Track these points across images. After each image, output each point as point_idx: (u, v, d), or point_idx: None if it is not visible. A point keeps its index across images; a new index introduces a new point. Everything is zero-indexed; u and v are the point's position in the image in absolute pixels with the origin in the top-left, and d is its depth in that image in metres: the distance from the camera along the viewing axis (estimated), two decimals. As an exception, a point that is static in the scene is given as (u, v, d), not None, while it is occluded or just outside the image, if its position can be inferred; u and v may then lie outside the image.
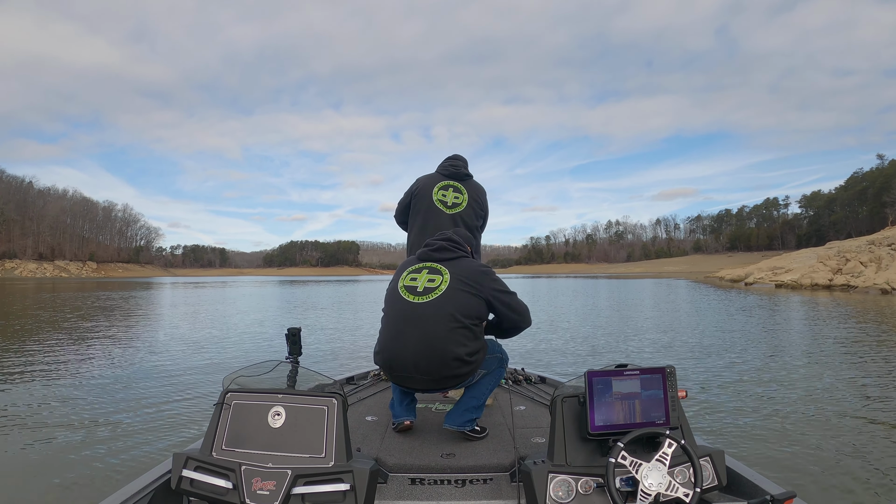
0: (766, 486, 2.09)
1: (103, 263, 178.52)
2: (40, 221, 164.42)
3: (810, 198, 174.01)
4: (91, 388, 7.28)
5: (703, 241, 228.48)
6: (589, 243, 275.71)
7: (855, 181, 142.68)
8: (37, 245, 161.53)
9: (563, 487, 1.95)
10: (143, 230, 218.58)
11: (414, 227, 3.91)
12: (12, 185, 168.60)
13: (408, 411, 2.89)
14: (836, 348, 10.12)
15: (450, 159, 4.02)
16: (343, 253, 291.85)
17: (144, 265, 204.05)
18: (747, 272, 55.04)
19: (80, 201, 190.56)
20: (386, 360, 2.72)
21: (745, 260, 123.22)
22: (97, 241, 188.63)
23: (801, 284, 40.79)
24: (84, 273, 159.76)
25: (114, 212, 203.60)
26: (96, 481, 4.05)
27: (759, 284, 45.59)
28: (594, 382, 2.05)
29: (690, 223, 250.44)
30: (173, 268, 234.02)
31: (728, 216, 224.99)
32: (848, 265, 41.41)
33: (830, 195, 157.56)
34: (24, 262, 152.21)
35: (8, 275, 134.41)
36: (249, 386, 2.19)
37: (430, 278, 2.77)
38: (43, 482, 4.05)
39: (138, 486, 2.06)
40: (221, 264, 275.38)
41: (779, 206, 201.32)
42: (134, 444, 4.92)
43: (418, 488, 2.27)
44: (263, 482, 1.91)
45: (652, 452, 1.94)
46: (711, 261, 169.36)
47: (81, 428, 5.43)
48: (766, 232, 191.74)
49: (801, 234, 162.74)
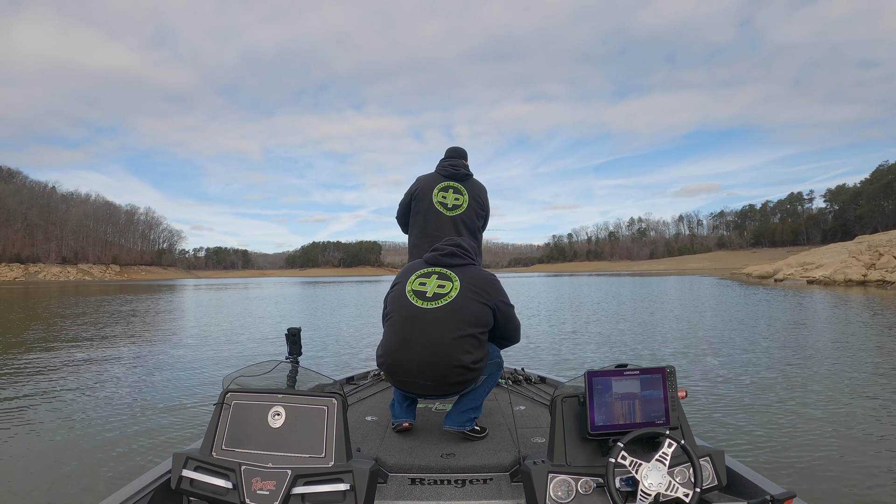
0: (766, 487, 2.07)
1: (126, 266, 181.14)
2: (63, 226, 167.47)
3: (835, 192, 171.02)
4: (91, 388, 7.40)
5: (726, 238, 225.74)
6: (612, 241, 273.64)
7: (881, 174, 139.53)
8: (60, 249, 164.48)
9: (563, 487, 1.94)
10: (166, 233, 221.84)
11: (414, 229, 3.90)
12: (35, 190, 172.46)
13: (408, 413, 2.88)
14: (857, 348, 9.87)
15: (448, 158, 3.97)
16: (365, 253, 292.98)
17: (167, 268, 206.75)
18: (776, 268, 54.14)
19: (102, 205, 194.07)
20: (389, 363, 2.70)
21: (769, 256, 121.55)
22: (120, 245, 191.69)
23: (834, 280, 39.39)
24: (107, 276, 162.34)
25: (136, 215, 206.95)
26: (96, 481, 4.10)
27: (789, 281, 44.66)
28: (594, 382, 2.04)
29: (714, 219, 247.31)
30: (196, 270, 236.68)
31: (752, 212, 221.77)
32: (882, 260, 40.31)
33: (856, 189, 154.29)
34: (48, 265, 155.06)
35: (32, 278, 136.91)
36: (249, 386, 2.19)
37: (439, 284, 2.75)
38: (43, 482, 4.10)
39: (138, 486, 2.07)
40: (244, 266, 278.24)
41: (803, 200, 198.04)
42: (134, 444, 4.97)
43: (418, 488, 2.26)
44: (263, 482, 1.92)
45: (652, 452, 1.93)
46: (736, 257, 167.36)
47: (82, 428, 5.51)
48: (790, 227, 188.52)
49: (827, 229, 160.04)
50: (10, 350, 10.99)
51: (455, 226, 3.78)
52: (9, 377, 8.10)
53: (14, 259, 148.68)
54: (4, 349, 11.13)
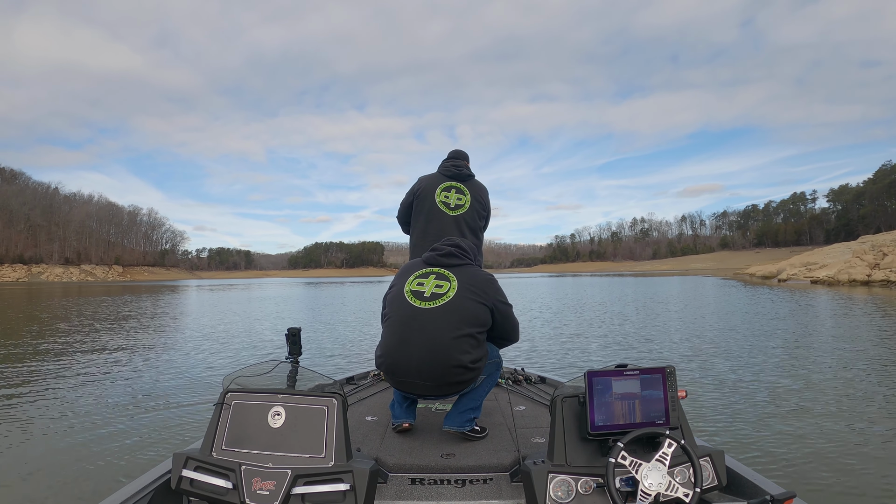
0: (766, 487, 2.06)
1: (129, 267, 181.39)
2: (66, 226, 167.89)
3: (838, 192, 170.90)
4: (91, 388, 7.41)
5: (729, 238, 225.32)
6: (614, 241, 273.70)
7: (883, 174, 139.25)
8: (63, 250, 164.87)
9: (563, 487, 1.94)
10: (169, 234, 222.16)
11: (416, 228, 3.90)
12: (38, 191, 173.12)
13: (408, 413, 2.88)
14: (860, 349, 9.84)
15: (451, 159, 3.99)
16: (368, 254, 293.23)
17: (170, 268, 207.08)
18: (779, 268, 53.95)
19: (105, 206, 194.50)
20: (388, 364, 2.71)
21: (772, 256, 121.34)
22: (122, 246, 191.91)
23: (838, 280, 39.32)
24: (110, 277, 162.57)
25: (139, 216, 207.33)
26: (96, 481, 4.10)
27: (793, 281, 44.52)
28: (594, 382, 2.04)
29: (716, 219, 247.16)
30: (199, 270, 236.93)
31: (755, 212, 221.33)
32: (886, 259, 40.26)
33: (859, 189, 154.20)
34: (51, 266, 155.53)
35: (35, 279, 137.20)
36: (249, 386, 2.19)
37: (437, 284, 2.76)
38: (43, 482, 4.10)
39: (138, 486, 2.07)
40: (247, 266, 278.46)
41: (806, 200, 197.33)
42: (134, 444, 4.97)
43: (418, 488, 2.26)
44: (263, 482, 1.92)
45: (652, 452, 1.92)
46: (738, 257, 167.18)
47: (82, 428, 5.51)
48: (793, 227, 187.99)
49: (830, 229, 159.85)
50: (10, 350, 11.01)
51: (457, 225, 3.79)
52: (9, 377, 8.12)
53: (17, 260, 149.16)
54: (5, 350, 11.15)
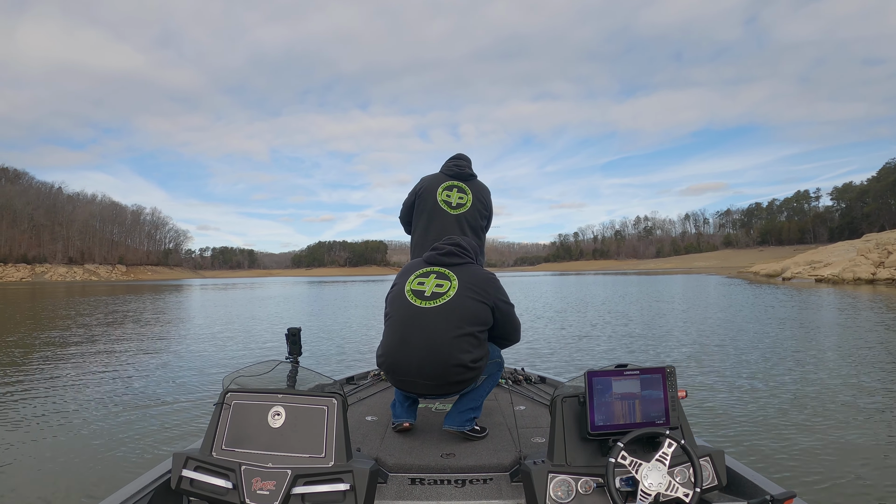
0: (766, 487, 2.06)
1: (132, 266, 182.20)
2: (70, 226, 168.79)
3: (842, 190, 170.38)
4: (91, 387, 7.45)
5: (733, 236, 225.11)
6: (618, 240, 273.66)
7: (887, 172, 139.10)
8: (66, 249, 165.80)
9: (563, 487, 1.93)
10: (172, 233, 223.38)
11: (418, 227, 3.91)
12: (42, 191, 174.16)
13: (408, 413, 2.88)
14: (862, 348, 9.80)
15: (454, 159, 4.00)
16: (371, 253, 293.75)
17: (173, 268, 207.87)
18: (783, 266, 53.85)
19: (108, 206, 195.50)
20: (389, 363, 2.70)
21: (776, 254, 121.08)
22: (126, 245, 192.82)
23: (843, 279, 39.24)
24: (114, 276, 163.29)
25: (142, 215, 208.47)
26: (96, 481, 4.11)
27: (797, 279, 44.42)
28: (594, 382, 2.03)
29: (720, 218, 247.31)
30: (202, 270, 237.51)
31: (758, 210, 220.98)
32: (891, 258, 40.06)
33: (862, 187, 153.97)
34: (55, 266, 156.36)
35: (38, 279, 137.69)
36: (249, 386, 2.19)
37: (438, 283, 2.75)
38: (43, 482, 4.12)
39: (138, 486, 2.07)
40: (250, 266, 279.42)
41: (810, 198, 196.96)
42: (134, 444, 4.99)
43: (418, 488, 2.26)
44: (263, 482, 1.91)
45: (652, 452, 1.92)
46: (742, 255, 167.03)
47: (82, 428, 5.54)
48: (797, 225, 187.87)
49: (834, 227, 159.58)
50: (10, 350, 11.06)
51: (459, 224, 3.80)
52: (9, 377, 8.14)
53: (20, 259, 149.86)
54: (7, 349, 11.20)
